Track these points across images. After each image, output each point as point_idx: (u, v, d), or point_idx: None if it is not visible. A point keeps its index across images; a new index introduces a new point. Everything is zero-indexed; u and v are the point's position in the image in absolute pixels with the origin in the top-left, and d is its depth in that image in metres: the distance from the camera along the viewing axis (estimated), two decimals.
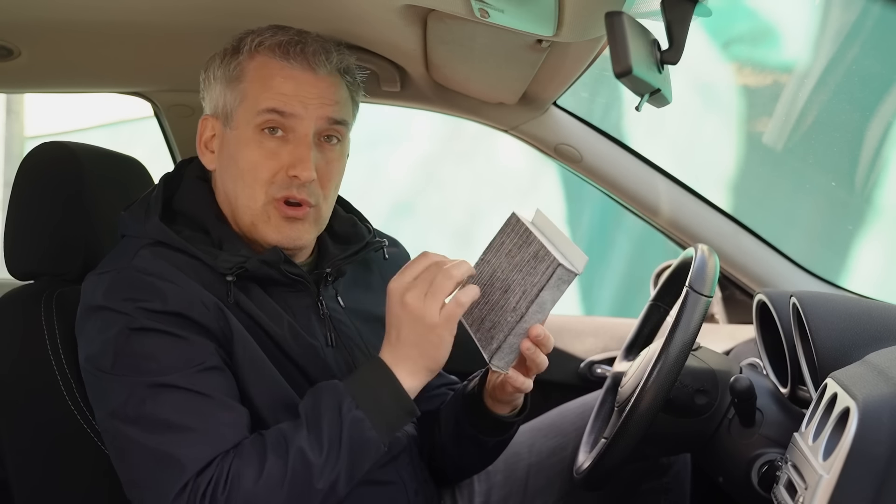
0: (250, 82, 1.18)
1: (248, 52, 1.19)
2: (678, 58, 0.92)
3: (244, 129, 1.18)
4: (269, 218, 1.18)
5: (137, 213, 1.21)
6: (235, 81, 1.19)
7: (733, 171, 3.53)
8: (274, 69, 1.17)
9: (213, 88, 1.22)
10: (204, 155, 1.24)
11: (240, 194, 1.19)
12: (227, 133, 1.21)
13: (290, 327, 1.18)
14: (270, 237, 1.19)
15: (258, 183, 1.17)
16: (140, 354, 1.07)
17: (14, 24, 1.37)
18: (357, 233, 1.31)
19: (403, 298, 1.07)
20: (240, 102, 1.18)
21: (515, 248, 1.13)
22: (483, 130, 1.90)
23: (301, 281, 1.20)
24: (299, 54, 1.17)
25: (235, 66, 1.19)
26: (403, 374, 1.08)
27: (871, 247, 3.15)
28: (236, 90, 1.19)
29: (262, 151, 1.17)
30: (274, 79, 1.17)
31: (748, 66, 3.63)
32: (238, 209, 1.20)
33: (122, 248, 1.19)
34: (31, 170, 1.38)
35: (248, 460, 1.03)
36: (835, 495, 0.95)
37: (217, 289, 1.14)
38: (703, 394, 1.29)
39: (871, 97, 2.79)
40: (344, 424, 1.04)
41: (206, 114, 1.24)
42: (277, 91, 1.16)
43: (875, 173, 2.98)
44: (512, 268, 1.12)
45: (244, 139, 1.18)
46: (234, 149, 1.19)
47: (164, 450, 1.04)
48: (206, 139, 1.24)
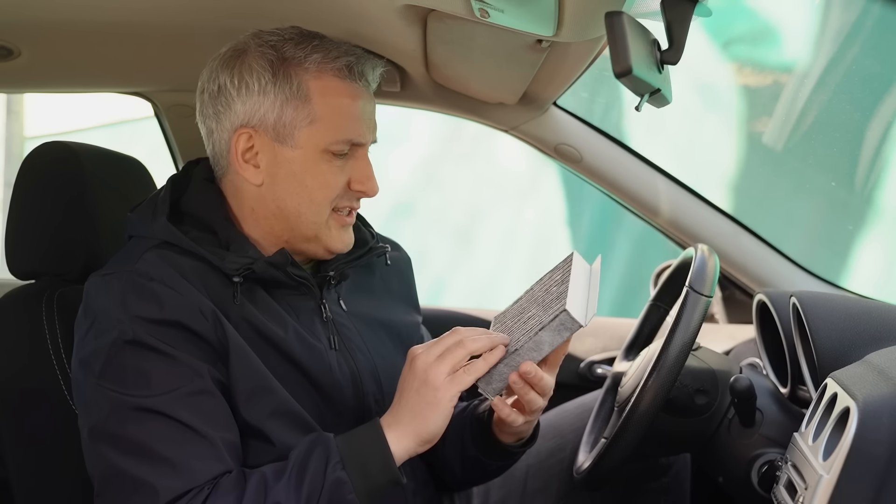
0: (319, 105, 1.17)
1: (312, 71, 1.17)
2: (678, 58, 0.92)
3: (311, 149, 1.17)
4: (330, 230, 1.21)
5: (144, 213, 1.20)
6: (298, 100, 1.16)
7: (733, 171, 3.53)
8: (342, 91, 1.18)
9: (256, 99, 1.16)
10: (245, 169, 1.19)
11: (304, 210, 1.19)
12: (283, 150, 1.17)
13: (295, 331, 1.18)
14: (335, 246, 1.22)
15: (327, 199, 1.19)
16: (129, 369, 1.07)
17: (14, 24, 1.37)
18: (360, 237, 1.31)
19: (414, 360, 1.09)
20: (308, 124, 1.17)
21: (555, 284, 1.14)
22: (483, 131, 1.90)
23: (305, 284, 1.21)
24: (362, 76, 1.20)
25: (297, 83, 1.16)
26: (395, 438, 1.08)
27: (871, 247, 3.15)
28: (303, 110, 1.16)
29: (332, 171, 1.18)
30: (342, 100, 1.18)
31: (748, 66, 3.64)
32: (302, 224, 1.20)
33: (128, 250, 1.19)
34: (31, 170, 1.38)
35: (224, 501, 1.04)
36: (835, 495, 0.95)
37: (220, 292, 1.14)
38: (703, 394, 1.29)
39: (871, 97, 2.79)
40: (326, 483, 1.04)
41: (240, 125, 1.18)
42: (350, 116, 1.18)
43: (875, 173, 2.98)
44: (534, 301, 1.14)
45: (313, 160, 1.18)
46: (300, 168, 1.18)
47: (138, 475, 1.04)
48: (242, 151, 1.18)
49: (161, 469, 1.04)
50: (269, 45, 1.17)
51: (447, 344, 1.09)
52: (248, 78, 1.16)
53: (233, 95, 1.17)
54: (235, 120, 1.18)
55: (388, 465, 1.07)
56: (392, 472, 1.07)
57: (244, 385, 1.12)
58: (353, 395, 1.22)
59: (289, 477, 1.05)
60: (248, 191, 1.21)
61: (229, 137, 1.19)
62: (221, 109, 1.19)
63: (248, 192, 1.21)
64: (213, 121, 1.21)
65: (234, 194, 1.23)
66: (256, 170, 1.19)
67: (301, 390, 1.17)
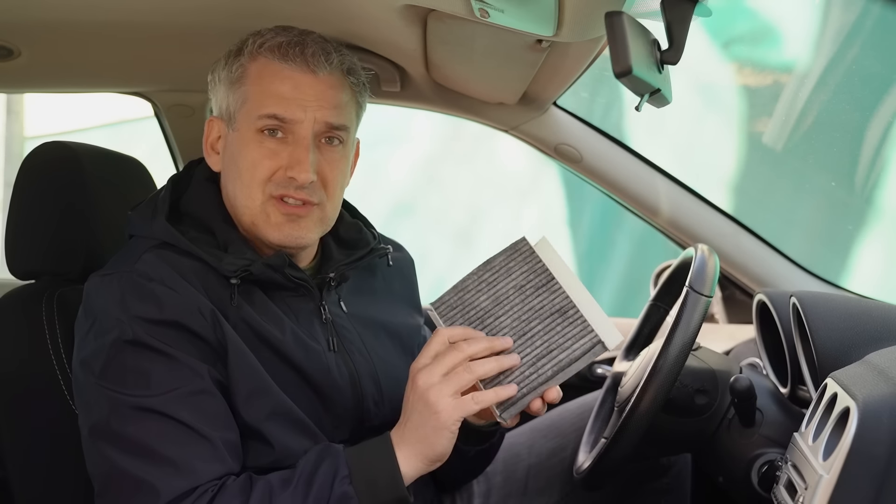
0: (251, 84, 1.18)
1: (249, 54, 1.19)
2: (678, 58, 0.92)
3: (245, 130, 1.18)
4: (268, 216, 1.18)
5: (144, 213, 1.21)
6: (237, 83, 1.19)
7: (733, 172, 3.53)
8: (274, 70, 1.17)
9: (217, 90, 1.23)
10: (210, 156, 1.25)
11: (238, 194, 1.19)
12: (230, 135, 1.21)
13: (293, 332, 1.17)
14: (272, 236, 1.18)
15: (255, 182, 1.17)
16: (130, 369, 1.08)
17: (14, 24, 1.37)
18: (362, 238, 1.31)
19: (416, 378, 1.06)
20: (241, 104, 1.19)
21: (532, 288, 1.09)
22: (483, 131, 1.90)
23: (304, 285, 1.20)
24: (298, 55, 1.17)
25: (237, 67, 1.19)
26: (404, 457, 1.07)
27: (872, 247, 3.15)
28: (238, 92, 1.19)
29: (261, 151, 1.17)
30: (273, 81, 1.17)
31: (748, 67, 3.63)
32: (238, 209, 1.20)
33: (127, 250, 1.19)
34: (31, 170, 1.38)
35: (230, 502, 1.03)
36: (835, 495, 0.95)
37: (219, 293, 1.14)
38: (703, 394, 1.29)
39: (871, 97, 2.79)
40: (332, 496, 1.04)
41: (212, 115, 1.25)
42: (277, 94, 1.16)
43: (875, 173, 2.98)
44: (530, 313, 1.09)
45: (245, 140, 1.18)
46: (236, 149, 1.19)
47: (139, 475, 1.04)
48: (212, 140, 1.24)
49: (162, 469, 1.04)
50: (241, 39, 1.21)
51: (450, 364, 1.05)
52: (216, 72, 1.23)
53: (211, 91, 1.25)
54: (213, 113, 1.25)
55: (397, 482, 1.06)
56: (400, 491, 1.06)
57: (242, 386, 1.12)
58: (351, 397, 1.21)
59: (295, 487, 1.05)
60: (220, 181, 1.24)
61: None
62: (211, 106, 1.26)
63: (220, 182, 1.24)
64: None
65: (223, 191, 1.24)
66: (217, 156, 1.24)
67: (299, 392, 1.17)
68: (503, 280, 1.11)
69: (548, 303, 1.09)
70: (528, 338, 1.08)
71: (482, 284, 1.11)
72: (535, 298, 1.09)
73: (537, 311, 1.09)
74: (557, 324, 1.08)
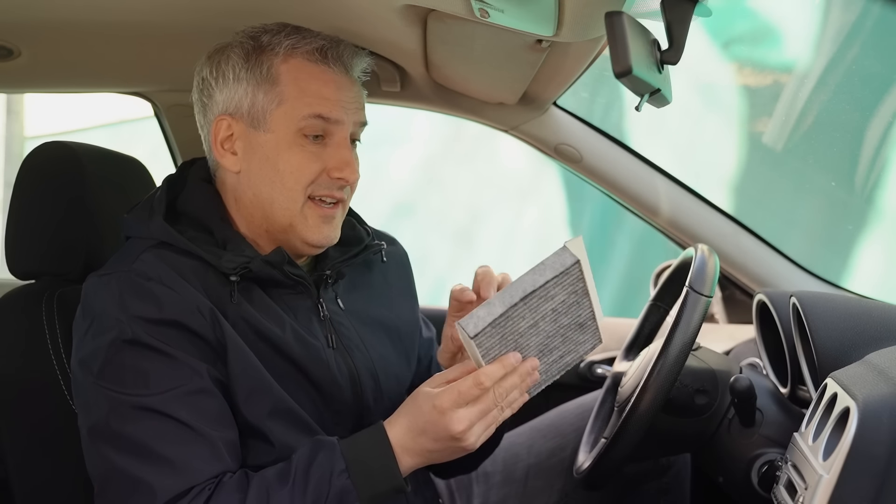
0: (288, 86, 1.17)
1: (281, 55, 1.18)
2: (678, 58, 0.92)
3: (284, 132, 1.17)
4: (306, 219, 1.19)
5: (141, 214, 1.21)
6: (269, 84, 1.17)
7: (734, 172, 3.53)
8: (313, 72, 1.18)
9: (231, 87, 1.19)
10: (224, 156, 1.21)
11: (277, 196, 1.18)
12: (258, 136, 1.18)
13: (293, 329, 1.18)
14: (311, 237, 1.20)
15: (300, 185, 1.17)
16: (128, 368, 1.08)
17: (14, 24, 1.37)
18: (356, 235, 1.31)
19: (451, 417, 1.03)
20: (277, 105, 1.17)
21: (564, 307, 1.05)
22: (484, 131, 1.90)
23: (302, 282, 1.21)
24: (337, 59, 1.18)
25: (267, 67, 1.18)
26: (408, 457, 1.07)
27: (872, 247, 3.15)
28: (271, 93, 1.17)
29: (305, 155, 1.17)
30: (314, 83, 1.17)
31: (748, 66, 3.63)
32: (276, 211, 1.19)
33: (125, 251, 1.19)
34: (32, 170, 1.38)
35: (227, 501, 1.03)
36: (835, 495, 0.95)
37: (218, 291, 1.14)
38: (703, 394, 1.29)
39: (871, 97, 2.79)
40: (331, 492, 1.04)
41: (219, 113, 1.21)
42: (320, 96, 1.17)
43: (875, 173, 2.98)
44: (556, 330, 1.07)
45: (284, 142, 1.17)
46: (272, 152, 1.18)
47: (137, 474, 1.04)
48: (221, 139, 1.21)
49: (160, 468, 1.04)
50: (248, 35, 1.20)
51: (484, 407, 1.04)
52: (225, 68, 1.20)
53: (213, 86, 1.21)
54: (216, 109, 1.21)
55: (394, 473, 1.06)
56: (397, 481, 1.06)
57: (243, 384, 1.12)
58: (351, 394, 1.22)
59: (293, 483, 1.05)
60: (229, 181, 1.22)
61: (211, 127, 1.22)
62: (206, 101, 1.23)
63: (230, 182, 1.22)
64: (202, 114, 1.24)
65: (223, 189, 1.24)
66: (234, 157, 1.21)
67: (299, 389, 1.17)
68: (545, 304, 1.05)
69: (573, 318, 1.08)
70: (548, 351, 1.09)
71: (527, 311, 1.03)
72: (564, 317, 1.07)
73: (563, 327, 1.08)
74: (575, 334, 1.09)
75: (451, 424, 1.03)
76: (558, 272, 1.02)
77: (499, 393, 1.04)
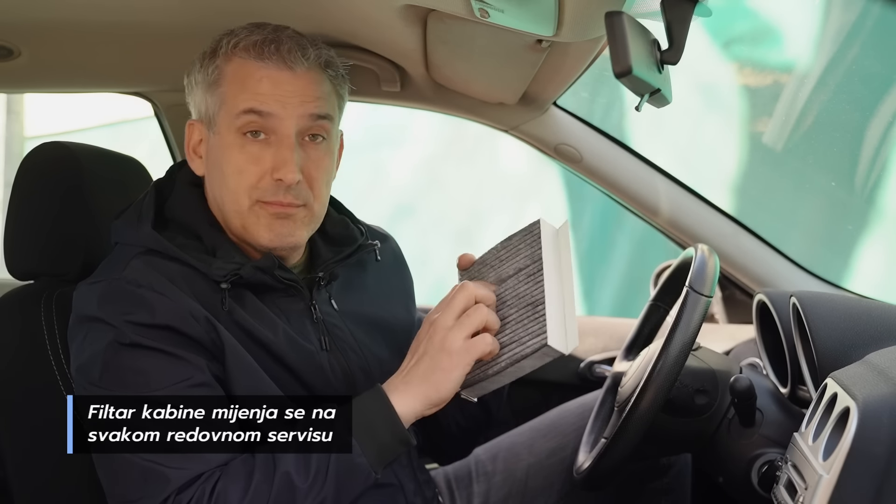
0: (228, 85, 1.17)
1: (224, 55, 1.18)
2: (678, 58, 0.92)
3: (226, 133, 1.17)
4: (258, 218, 1.17)
5: (130, 219, 1.20)
6: (214, 85, 1.18)
7: (734, 172, 3.53)
8: (250, 70, 1.16)
9: (195, 93, 1.22)
10: (193, 161, 1.23)
11: (226, 199, 1.18)
12: (211, 138, 1.20)
13: (285, 333, 1.17)
14: (263, 237, 1.18)
15: (242, 188, 1.16)
16: (128, 369, 1.07)
17: (14, 24, 1.37)
18: (349, 234, 1.31)
19: (433, 323, 1.07)
20: (220, 106, 1.18)
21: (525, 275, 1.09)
22: (484, 132, 1.90)
23: (294, 286, 1.20)
24: (274, 53, 1.16)
25: (213, 69, 1.18)
26: (404, 399, 1.07)
27: (872, 247, 3.14)
28: (216, 94, 1.18)
29: (244, 156, 1.16)
30: (250, 80, 1.16)
31: (748, 66, 3.63)
32: (226, 214, 1.19)
33: (114, 257, 1.19)
34: (31, 170, 1.38)
35: (235, 479, 1.04)
36: (835, 495, 0.95)
37: (209, 298, 1.13)
38: (703, 394, 1.29)
39: (871, 97, 2.79)
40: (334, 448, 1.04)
41: (192, 119, 1.23)
42: (254, 91, 1.15)
43: (875, 173, 2.98)
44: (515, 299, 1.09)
45: (226, 144, 1.17)
46: (219, 154, 1.18)
47: (147, 464, 1.04)
48: (193, 144, 1.23)
49: (170, 457, 1.04)
50: (215, 39, 1.20)
51: (462, 306, 1.07)
52: (192, 75, 1.22)
53: (188, 92, 1.23)
54: (192, 115, 1.23)
55: (396, 425, 1.06)
56: (401, 432, 1.06)
57: (241, 385, 1.12)
58: (346, 395, 1.21)
59: (297, 447, 1.05)
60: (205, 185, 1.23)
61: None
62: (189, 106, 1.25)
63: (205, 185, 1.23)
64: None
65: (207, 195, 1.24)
66: (200, 160, 1.22)
67: (294, 393, 1.16)
68: (510, 260, 1.12)
69: (529, 292, 1.09)
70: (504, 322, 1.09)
71: (495, 261, 1.13)
72: (523, 285, 1.10)
73: (520, 298, 1.09)
74: (527, 316, 1.08)
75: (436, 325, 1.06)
76: (524, 228, 1.13)
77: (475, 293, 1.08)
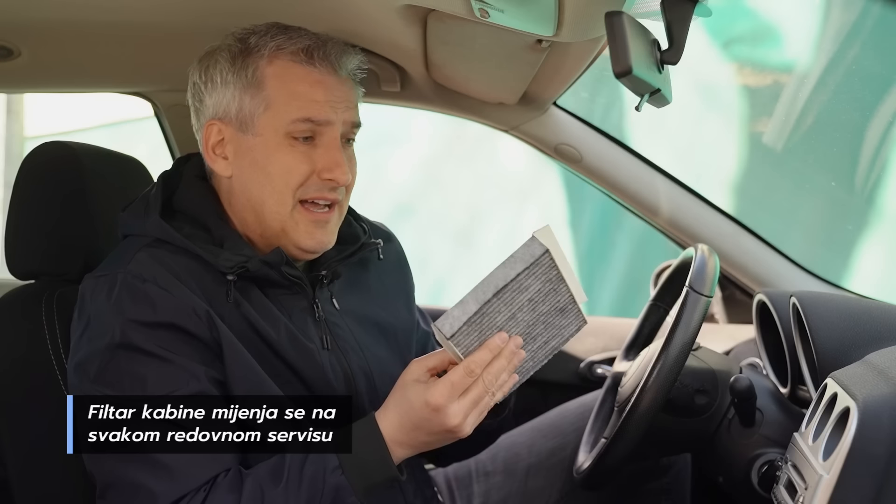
0: (274, 89, 1.16)
1: (266, 57, 1.17)
2: (678, 58, 0.92)
3: (272, 136, 1.16)
4: (297, 224, 1.18)
5: (137, 210, 1.20)
6: (255, 88, 1.17)
7: (734, 172, 3.53)
8: (299, 74, 1.16)
9: (219, 92, 1.19)
10: (216, 161, 1.21)
11: (267, 199, 1.18)
12: (246, 139, 1.18)
13: (287, 330, 1.17)
14: (304, 243, 1.19)
15: (289, 187, 1.16)
16: (125, 373, 1.08)
17: (14, 24, 1.37)
18: (352, 233, 1.30)
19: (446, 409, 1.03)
20: (264, 110, 1.17)
21: (541, 296, 1.06)
22: (484, 132, 1.90)
23: (298, 283, 1.20)
24: (324, 59, 1.17)
25: (252, 71, 1.17)
26: (400, 448, 1.07)
27: (872, 247, 3.15)
28: (258, 97, 1.17)
29: (294, 156, 1.16)
30: (300, 85, 1.16)
31: (748, 66, 3.63)
32: (266, 215, 1.19)
33: (121, 250, 1.19)
34: (31, 170, 1.38)
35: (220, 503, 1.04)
36: (835, 495, 0.95)
37: (214, 290, 1.13)
38: (703, 394, 1.29)
39: (871, 97, 2.79)
40: (325, 488, 1.04)
41: (209, 118, 1.21)
42: (308, 98, 1.16)
43: (875, 173, 2.98)
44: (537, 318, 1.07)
45: (273, 145, 1.16)
46: (261, 155, 1.17)
47: (136, 480, 1.05)
48: (212, 144, 1.20)
49: (158, 473, 1.04)
50: (237, 38, 1.19)
51: (476, 396, 1.04)
52: (214, 72, 1.19)
53: (203, 91, 1.21)
54: (207, 114, 1.21)
55: (388, 464, 1.06)
56: (392, 473, 1.06)
57: (240, 384, 1.12)
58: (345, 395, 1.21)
59: (286, 482, 1.04)
60: (224, 185, 1.22)
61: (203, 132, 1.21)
62: (198, 106, 1.22)
63: (224, 185, 1.22)
64: (195, 118, 1.24)
65: (218, 188, 1.23)
66: (225, 161, 1.20)
67: (294, 390, 1.16)
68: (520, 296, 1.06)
69: (552, 305, 1.08)
70: (531, 339, 1.09)
71: (502, 305, 1.04)
72: (542, 305, 1.08)
73: (542, 315, 1.08)
74: (557, 319, 1.09)
75: (446, 420, 1.03)
76: (529, 263, 1.02)
77: (489, 379, 1.04)
